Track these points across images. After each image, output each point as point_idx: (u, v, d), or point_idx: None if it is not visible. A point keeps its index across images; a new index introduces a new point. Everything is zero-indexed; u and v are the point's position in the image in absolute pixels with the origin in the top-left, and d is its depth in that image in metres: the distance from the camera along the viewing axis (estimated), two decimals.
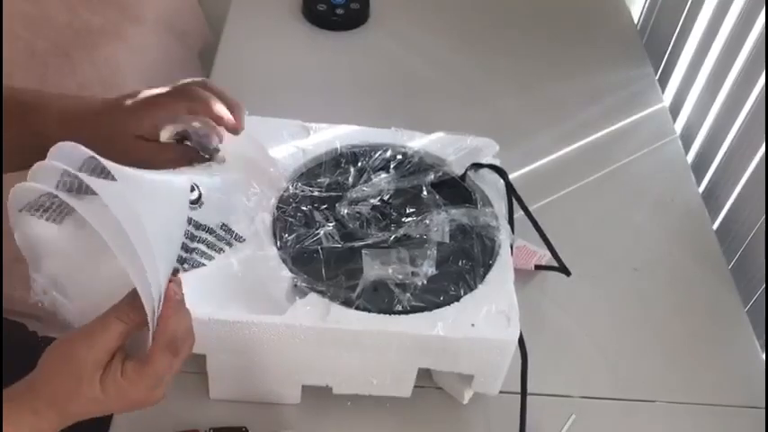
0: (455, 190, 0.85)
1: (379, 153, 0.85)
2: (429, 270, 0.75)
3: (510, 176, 0.86)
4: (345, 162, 0.85)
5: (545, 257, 0.94)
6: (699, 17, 1.23)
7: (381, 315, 0.72)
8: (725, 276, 1.01)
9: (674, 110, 1.26)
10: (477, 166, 0.86)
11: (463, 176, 0.86)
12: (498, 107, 1.20)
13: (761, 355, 0.93)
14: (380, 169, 0.84)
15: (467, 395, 0.81)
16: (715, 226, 1.09)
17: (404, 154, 0.86)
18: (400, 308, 0.73)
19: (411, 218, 0.80)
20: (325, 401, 0.79)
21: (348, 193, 0.81)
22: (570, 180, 1.10)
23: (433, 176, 0.84)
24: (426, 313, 0.73)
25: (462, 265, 0.77)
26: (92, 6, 1.35)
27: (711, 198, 1.12)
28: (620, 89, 1.26)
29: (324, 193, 0.82)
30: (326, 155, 0.86)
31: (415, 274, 0.74)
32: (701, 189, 1.14)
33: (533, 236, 0.89)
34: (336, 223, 0.79)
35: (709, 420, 0.86)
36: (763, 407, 0.86)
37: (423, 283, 0.74)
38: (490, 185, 0.86)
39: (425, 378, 0.81)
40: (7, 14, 1.19)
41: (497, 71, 1.26)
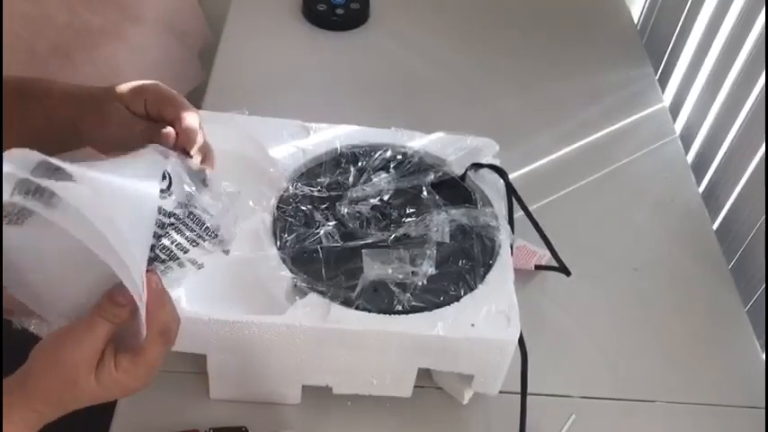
0: (455, 190, 0.84)
1: (379, 153, 0.85)
2: (429, 270, 0.75)
3: (510, 176, 0.86)
4: (345, 162, 0.85)
5: (545, 257, 0.94)
6: (699, 17, 1.23)
7: (381, 315, 0.72)
8: (725, 276, 1.01)
9: (674, 110, 1.26)
10: (477, 166, 0.86)
11: (463, 176, 0.86)
12: (498, 107, 1.20)
13: (761, 355, 0.93)
14: (380, 169, 0.84)
15: (467, 395, 0.81)
16: (715, 226, 1.09)
17: (404, 154, 0.86)
18: (400, 308, 0.73)
19: (411, 218, 0.80)
20: (325, 401, 0.79)
21: (348, 193, 0.81)
22: (570, 180, 1.10)
23: (432, 176, 0.84)
24: (426, 313, 0.73)
25: (462, 265, 0.77)
26: (92, 6, 1.34)
27: (711, 198, 1.12)
28: (620, 89, 1.26)
29: (324, 193, 0.82)
30: (326, 155, 0.86)
31: (414, 274, 0.74)
32: (701, 189, 1.14)
33: (533, 236, 0.89)
34: (336, 223, 0.79)
35: (709, 420, 0.86)
36: (763, 407, 0.86)
37: (423, 283, 0.74)
38: (490, 185, 0.86)
39: (425, 378, 0.81)
40: (7, 14, 1.19)
41: (497, 71, 1.26)
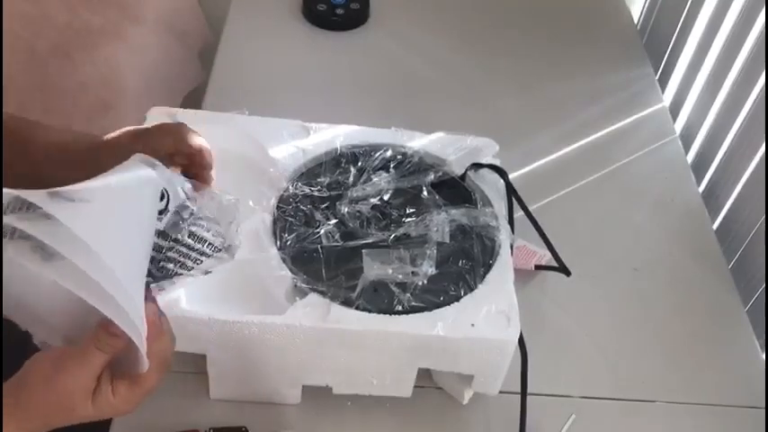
0: (455, 190, 0.84)
1: (379, 153, 0.85)
2: (429, 270, 0.75)
3: (510, 176, 0.86)
4: (345, 162, 0.85)
5: (545, 257, 0.94)
6: (699, 17, 1.23)
7: (381, 315, 0.72)
8: (725, 276, 1.01)
9: (674, 110, 1.26)
10: (477, 166, 0.86)
11: (463, 176, 0.86)
12: (498, 107, 1.20)
13: (761, 355, 0.93)
14: (380, 169, 0.84)
15: (467, 395, 0.81)
16: (715, 226, 1.09)
17: (404, 154, 0.86)
18: (400, 308, 0.73)
19: (411, 218, 0.80)
20: (325, 401, 0.79)
21: (348, 193, 0.81)
22: (570, 180, 1.10)
23: (432, 176, 0.84)
24: (426, 313, 0.73)
25: (462, 265, 0.77)
26: (92, 6, 1.34)
27: (711, 198, 1.12)
28: (620, 89, 1.26)
29: (324, 193, 0.82)
30: (326, 155, 0.86)
31: (415, 274, 0.74)
32: (701, 189, 1.14)
33: (533, 236, 0.89)
34: (336, 223, 0.79)
35: (709, 420, 0.86)
36: (763, 407, 0.86)
37: (423, 283, 0.74)
38: (490, 185, 0.86)
39: (425, 378, 0.81)
40: (7, 14, 1.19)
41: (497, 71, 1.26)
